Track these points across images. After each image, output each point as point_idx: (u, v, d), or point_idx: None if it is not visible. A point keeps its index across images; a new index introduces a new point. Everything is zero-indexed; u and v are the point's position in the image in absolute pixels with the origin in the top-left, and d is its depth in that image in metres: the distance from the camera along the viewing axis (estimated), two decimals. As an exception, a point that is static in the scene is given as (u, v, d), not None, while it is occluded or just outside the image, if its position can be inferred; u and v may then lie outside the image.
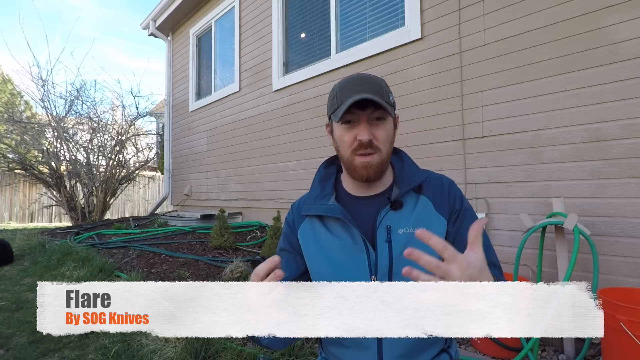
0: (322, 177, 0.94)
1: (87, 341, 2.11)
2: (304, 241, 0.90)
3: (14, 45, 23.42)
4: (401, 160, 0.92)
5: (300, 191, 3.64)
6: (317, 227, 0.87)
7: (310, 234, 0.89)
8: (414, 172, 0.88)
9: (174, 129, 6.34)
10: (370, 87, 0.80)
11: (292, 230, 0.93)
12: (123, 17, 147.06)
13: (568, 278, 1.61)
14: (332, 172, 0.96)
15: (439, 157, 2.54)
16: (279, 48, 4.06)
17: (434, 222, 0.83)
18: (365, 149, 0.80)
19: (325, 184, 0.92)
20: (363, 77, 0.84)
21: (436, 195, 0.85)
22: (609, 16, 1.85)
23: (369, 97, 0.77)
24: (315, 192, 0.91)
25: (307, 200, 0.92)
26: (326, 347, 0.91)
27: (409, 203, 0.84)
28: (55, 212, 10.04)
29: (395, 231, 0.81)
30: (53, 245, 4.15)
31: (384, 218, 0.82)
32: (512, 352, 1.80)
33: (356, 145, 0.81)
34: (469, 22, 2.41)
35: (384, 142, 0.82)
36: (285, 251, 0.93)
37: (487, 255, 0.85)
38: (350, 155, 0.83)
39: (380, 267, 0.80)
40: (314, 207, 0.88)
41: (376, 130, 0.81)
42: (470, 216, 0.87)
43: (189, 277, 2.90)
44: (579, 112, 1.94)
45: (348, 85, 0.82)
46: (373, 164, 0.81)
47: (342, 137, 0.83)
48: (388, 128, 0.83)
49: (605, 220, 1.84)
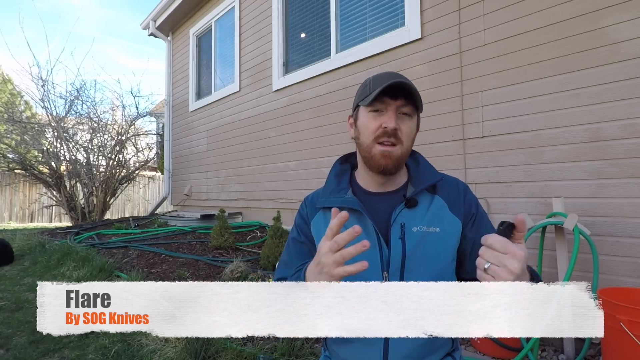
0: (338, 172, 0.95)
1: (87, 341, 2.11)
2: (317, 232, 0.90)
3: (14, 45, 23.43)
4: (416, 161, 0.93)
5: (300, 191, 3.64)
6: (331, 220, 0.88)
7: (323, 225, 0.89)
8: (430, 172, 0.89)
9: (174, 129, 6.34)
10: (404, 80, 0.82)
11: (304, 221, 0.94)
12: (124, 17, 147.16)
13: (568, 278, 1.61)
14: (347, 168, 0.97)
15: (439, 157, 2.54)
16: (279, 48, 4.06)
17: (448, 222, 0.83)
18: (389, 137, 0.81)
19: (341, 179, 0.93)
20: (397, 73, 0.86)
21: (451, 197, 0.86)
22: (609, 16, 1.85)
23: (406, 82, 0.79)
24: (331, 185, 0.92)
25: (321, 193, 0.92)
26: (330, 345, 0.91)
27: (423, 202, 0.85)
28: (55, 212, 10.04)
29: (409, 229, 0.82)
30: (53, 245, 4.15)
31: (398, 215, 0.83)
32: (512, 352, 1.80)
33: (380, 132, 0.81)
34: (469, 22, 2.41)
35: (406, 137, 0.83)
36: (297, 241, 0.93)
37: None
38: (372, 143, 0.83)
39: (392, 264, 0.80)
40: (330, 200, 0.88)
41: (402, 124, 0.82)
42: (486, 221, 0.88)
43: (189, 277, 2.90)
44: (579, 112, 1.94)
45: (383, 76, 0.84)
46: (394, 154, 0.82)
47: (367, 123, 0.84)
48: (412, 125, 0.85)
49: (605, 220, 1.84)
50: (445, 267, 0.82)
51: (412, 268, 0.80)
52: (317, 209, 0.91)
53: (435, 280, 0.80)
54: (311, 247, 0.91)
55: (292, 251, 0.93)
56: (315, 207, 0.92)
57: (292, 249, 0.94)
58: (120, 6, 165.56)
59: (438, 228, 0.82)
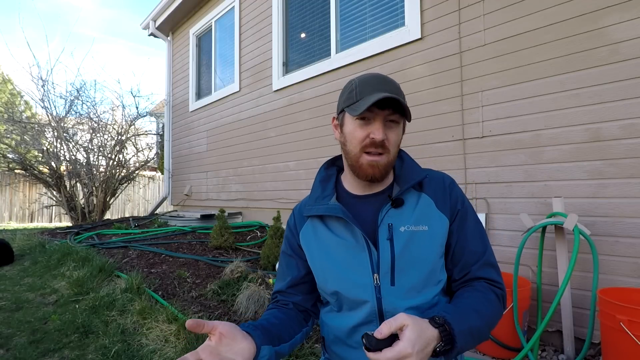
0: (323, 178, 0.95)
1: (87, 341, 2.11)
2: (306, 242, 0.90)
3: (14, 45, 23.41)
4: (401, 159, 0.92)
5: (300, 191, 3.64)
6: (319, 228, 0.88)
7: (312, 235, 0.89)
8: (414, 169, 0.88)
9: (174, 129, 6.34)
10: (392, 89, 0.80)
11: (292, 234, 0.94)
12: (124, 17, 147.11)
13: (568, 278, 1.61)
14: (333, 173, 0.96)
15: (439, 157, 2.54)
16: (279, 48, 4.06)
17: (435, 220, 0.83)
18: (376, 148, 0.80)
19: (326, 185, 0.93)
20: (384, 76, 0.84)
21: (438, 194, 0.86)
22: (609, 16, 1.85)
23: (395, 97, 0.76)
24: (316, 193, 0.92)
25: (308, 201, 0.93)
26: (329, 347, 0.91)
27: (410, 201, 0.84)
28: (55, 212, 10.05)
29: (397, 229, 0.81)
30: (53, 245, 4.15)
31: (385, 216, 0.82)
32: (512, 352, 1.80)
33: (368, 142, 0.80)
34: (469, 22, 2.41)
35: (394, 145, 0.82)
36: (286, 254, 0.96)
37: (485, 255, 0.85)
38: (359, 152, 0.82)
39: (382, 266, 0.80)
40: (315, 208, 0.88)
41: (389, 132, 0.81)
42: (471, 216, 0.87)
43: (189, 277, 2.90)
44: (579, 112, 1.94)
45: (369, 81, 0.82)
46: (381, 164, 0.81)
47: (354, 132, 0.82)
48: (399, 132, 0.84)
49: (605, 220, 1.84)
50: (435, 265, 0.82)
51: (402, 268, 0.80)
52: (305, 217, 0.91)
53: (426, 278, 0.81)
54: (298, 261, 0.93)
55: (284, 264, 0.96)
56: (302, 215, 0.92)
57: (283, 263, 0.97)
58: (120, 6, 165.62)
59: (426, 226, 0.82)
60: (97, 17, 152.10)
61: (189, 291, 2.65)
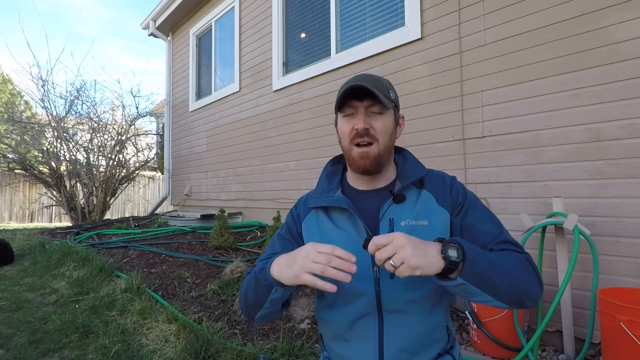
0: (329, 173, 0.98)
1: (87, 341, 2.11)
2: (308, 231, 0.92)
3: (14, 45, 23.41)
4: (404, 158, 0.95)
5: (300, 191, 3.64)
6: (322, 219, 0.90)
7: (315, 225, 0.91)
8: (417, 167, 0.91)
9: (174, 129, 6.34)
10: (369, 82, 0.83)
11: (295, 221, 0.96)
12: (124, 17, 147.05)
13: (568, 278, 1.61)
14: (339, 169, 1.00)
15: (439, 157, 2.54)
16: (279, 48, 4.05)
17: (435, 214, 0.85)
18: (362, 137, 0.84)
19: (332, 179, 0.96)
20: (366, 74, 0.89)
21: (438, 190, 0.88)
22: (609, 16, 1.85)
23: (363, 85, 0.81)
24: (322, 186, 0.95)
25: (313, 194, 0.96)
26: (327, 344, 0.93)
27: (411, 197, 0.87)
28: (55, 212, 10.05)
29: (397, 223, 0.83)
30: (53, 245, 4.15)
31: (387, 211, 0.85)
32: (512, 352, 1.80)
33: (354, 134, 0.84)
34: (469, 22, 2.41)
35: (381, 134, 0.85)
36: (283, 237, 0.95)
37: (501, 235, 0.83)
38: (349, 145, 0.87)
39: None
40: (320, 199, 0.91)
41: (373, 121, 0.85)
42: (477, 204, 0.88)
43: (189, 277, 2.90)
44: (579, 112, 1.94)
45: (351, 80, 0.87)
46: (370, 155, 0.84)
47: (343, 127, 0.88)
48: (387, 121, 0.86)
49: (605, 220, 1.84)
50: None
51: None
52: (310, 208, 0.94)
53: None
54: (294, 245, 0.92)
55: (277, 246, 0.95)
56: (307, 207, 0.94)
57: (277, 244, 0.95)
58: (121, 6, 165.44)
59: (426, 221, 0.83)
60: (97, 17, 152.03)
61: (189, 291, 2.65)
